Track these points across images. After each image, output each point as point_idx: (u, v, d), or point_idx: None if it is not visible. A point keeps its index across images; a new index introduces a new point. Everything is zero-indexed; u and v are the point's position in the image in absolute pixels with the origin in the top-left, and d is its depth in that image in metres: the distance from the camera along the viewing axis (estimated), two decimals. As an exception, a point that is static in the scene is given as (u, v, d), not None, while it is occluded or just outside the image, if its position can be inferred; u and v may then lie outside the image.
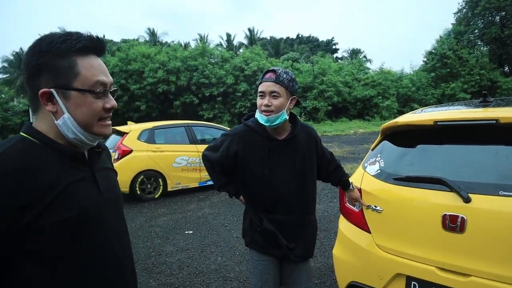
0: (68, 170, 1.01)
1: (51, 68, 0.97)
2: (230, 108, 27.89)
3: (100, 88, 1.02)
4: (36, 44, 0.99)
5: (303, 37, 62.43)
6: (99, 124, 1.05)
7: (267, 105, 1.93)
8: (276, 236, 2.04)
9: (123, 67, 27.03)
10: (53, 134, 1.02)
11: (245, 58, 28.74)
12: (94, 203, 1.05)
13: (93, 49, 1.03)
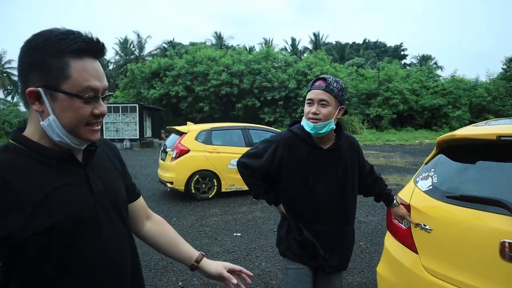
0: (55, 173, 0.98)
1: (42, 66, 0.93)
2: (292, 112, 27.85)
3: (90, 94, 0.96)
4: (32, 39, 0.94)
5: (370, 42, 60.70)
6: (87, 129, 0.99)
7: (315, 113, 1.90)
8: (315, 246, 2.00)
9: (189, 69, 28.09)
10: (38, 135, 0.99)
11: (308, 63, 28.56)
12: (85, 206, 1.01)
13: (90, 51, 0.97)
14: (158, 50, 46.98)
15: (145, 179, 10.42)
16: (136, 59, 45.52)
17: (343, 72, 30.18)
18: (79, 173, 1.03)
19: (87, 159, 1.07)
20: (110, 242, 1.06)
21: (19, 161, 0.94)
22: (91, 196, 1.03)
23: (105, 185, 1.09)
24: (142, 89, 30.09)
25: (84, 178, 1.03)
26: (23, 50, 0.95)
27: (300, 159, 1.99)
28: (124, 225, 1.16)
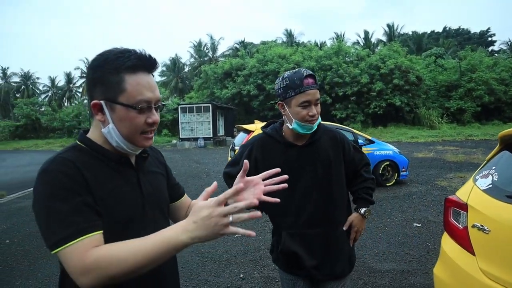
0: (114, 173, 1.10)
1: (103, 82, 1.06)
2: (364, 108, 26.98)
3: (144, 105, 1.07)
4: (95, 59, 1.08)
5: (451, 30, 56.29)
6: (142, 137, 1.11)
7: (315, 115, 1.77)
8: (297, 257, 1.85)
9: (260, 67, 28.50)
10: (102, 140, 1.12)
11: (382, 56, 27.41)
12: (137, 206, 1.13)
13: (143, 66, 1.08)
14: (230, 50, 48.33)
15: (216, 176, 10.87)
16: (210, 60, 47.34)
17: (419, 64, 28.47)
18: (132, 175, 1.16)
19: (139, 163, 1.20)
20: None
21: (87, 160, 1.07)
22: (141, 196, 1.15)
23: (152, 188, 1.21)
24: (215, 89, 31.22)
25: (136, 180, 1.16)
26: (88, 69, 1.10)
27: (273, 159, 1.86)
28: (166, 223, 1.27)
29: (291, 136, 1.88)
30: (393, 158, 8.54)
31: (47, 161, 1.03)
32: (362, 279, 3.71)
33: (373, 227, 5.46)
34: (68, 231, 0.93)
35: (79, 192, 0.98)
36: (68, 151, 1.08)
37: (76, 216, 0.96)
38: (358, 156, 2.01)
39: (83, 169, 1.02)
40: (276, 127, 1.95)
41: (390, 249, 4.51)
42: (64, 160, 1.02)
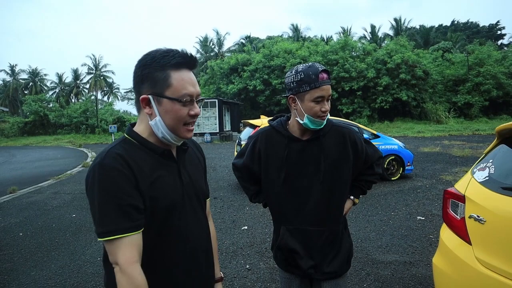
0: (158, 164, 1.22)
1: (150, 78, 1.17)
2: (370, 102, 26.92)
3: (187, 98, 1.18)
4: (143, 58, 1.20)
5: (459, 24, 55.67)
6: (184, 128, 1.22)
7: (327, 110, 1.73)
8: (295, 254, 1.82)
9: (266, 63, 28.50)
10: (147, 133, 1.24)
11: (388, 51, 27.26)
12: (177, 194, 1.24)
13: (186, 64, 1.20)
14: (236, 46, 48.30)
15: (222, 170, 11.00)
16: (216, 56, 47.35)
17: (426, 58, 28.28)
18: (173, 167, 1.27)
19: (179, 156, 1.31)
20: (192, 225, 1.30)
21: (135, 152, 1.19)
22: (181, 186, 1.27)
23: (191, 178, 1.33)
24: (221, 84, 31.31)
25: (176, 171, 1.27)
26: (136, 67, 1.21)
27: (277, 153, 1.84)
28: (203, 213, 1.40)
29: (297, 130, 1.83)
30: (398, 153, 8.59)
31: (101, 155, 1.15)
32: (365, 270, 3.80)
33: (377, 220, 5.55)
34: (113, 226, 1.08)
35: (128, 190, 1.11)
36: (118, 144, 1.20)
37: (122, 214, 1.09)
38: (370, 150, 1.96)
39: (132, 162, 1.14)
40: (282, 120, 1.93)
41: (393, 241, 4.60)
42: (117, 155, 1.13)
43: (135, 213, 1.11)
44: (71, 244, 5.15)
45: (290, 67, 27.18)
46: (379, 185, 8.09)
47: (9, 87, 57.93)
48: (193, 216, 1.31)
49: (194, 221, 1.31)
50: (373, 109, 26.81)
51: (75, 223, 6.15)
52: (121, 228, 1.08)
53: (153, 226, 1.18)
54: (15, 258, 4.70)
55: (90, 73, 59.13)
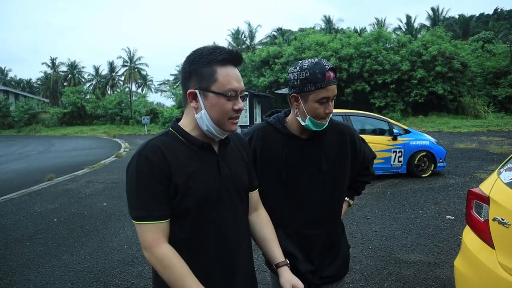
0: (195, 156, 1.26)
1: (198, 73, 1.22)
2: (404, 96, 26.14)
3: (232, 93, 1.22)
4: (191, 54, 1.25)
5: (503, 12, 52.78)
6: (229, 122, 1.26)
7: (330, 112, 1.61)
8: (294, 258, 1.70)
9: (297, 55, 28.20)
10: (192, 127, 1.29)
11: (424, 42, 26.30)
12: (214, 186, 1.27)
13: (231, 60, 1.24)
14: (268, 38, 48.10)
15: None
16: (247, 48, 47.35)
17: (465, 50, 27.02)
18: (213, 159, 1.30)
19: (220, 149, 1.34)
20: (229, 218, 1.31)
21: (173, 144, 1.25)
22: (219, 178, 1.29)
23: (230, 171, 1.34)
24: (252, 77, 31.27)
25: (216, 164, 1.30)
26: (185, 63, 1.26)
27: (274, 151, 1.72)
28: (243, 206, 1.41)
29: (295, 128, 1.72)
30: (430, 149, 8.33)
31: (142, 145, 1.24)
32: (386, 269, 3.74)
33: (404, 218, 5.43)
34: (144, 212, 1.18)
35: (161, 180, 1.18)
36: (159, 136, 1.28)
37: (153, 202, 1.18)
38: (367, 150, 1.91)
39: (168, 154, 1.20)
40: (279, 116, 1.80)
41: (419, 241, 4.49)
42: (154, 146, 1.21)
43: (165, 203, 1.19)
44: (100, 231, 5.35)
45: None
46: (408, 181, 7.89)
47: (50, 79, 60.47)
48: (230, 210, 1.33)
49: (231, 215, 1.33)
50: (406, 103, 26.00)
51: (105, 211, 6.39)
52: (152, 215, 1.17)
53: (188, 217, 1.23)
54: (49, 242, 4.95)
55: (125, 66, 60.59)
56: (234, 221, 1.34)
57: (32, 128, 35.26)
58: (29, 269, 4.11)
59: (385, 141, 8.15)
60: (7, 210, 6.72)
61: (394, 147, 8.16)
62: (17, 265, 4.25)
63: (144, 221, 1.18)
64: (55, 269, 4.10)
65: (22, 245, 4.90)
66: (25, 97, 45.24)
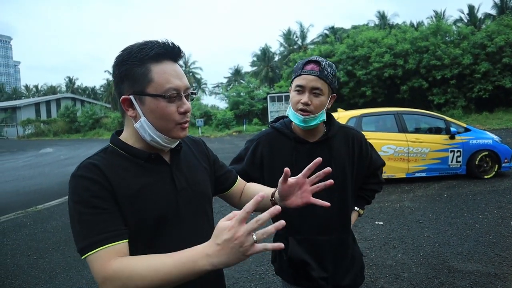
0: (143, 172, 1.08)
1: (129, 76, 1.04)
2: (466, 92, 24.53)
3: (173, 93, 1.04)
4: (119, 55, 1.06)
5: None
6: (177, 128, 1.08)
7: (306, 103, 1.58)
8: (307, 265, 1.66)
9: (350, 53, 27.56)
10: (134, 139, 1.11)
11: (488, 33, 24.46)
12: (169, 202, 1.09)
13: (167, 55, 1.06)
14: (320, 37, 47.40)
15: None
16: (299, 48, 47.05)
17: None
18: (165, 171, 1.12)
19: (173, 158, 1.16)
20: (190, 236, 1.11)
21: (115, 161, 1.06)
22: (175, 192, 1.11)
23: (188, 182, 1.16)
24: (304, 77, 30.94)
25: (169, 176, 1.12)
26: (114, 66, 1.07)
27: (282, 157, 1.69)
28: (207, 219, 1.22)
29: (301, 131, 1.72)
30: (493, 148, 7.69)
31: (77, 166, 1.05)
32: (438, 278, 3.47)
33: (460, 223, 5.04)
34: (92, 239, 0.95)
35: (104, 199, 0.99)
36: (97, 154, 1.10)
37: (100, 224, 0.97)
38: (375, 155, 1.86)
39: (109, 172, 1.02)
40: (285, 121, 1.79)
41: (477, 248, 4.13)
42: (89, 165, 1.03)
43: (116, 222, 0.99)
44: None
45: (375, 57, 26.42)
46: (468, 183, 7.34)
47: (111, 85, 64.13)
48: (192, 228, 1.14)
49: (193, 231, 1.14)
50: (469, 99, 24.34)
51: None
52: (101, 238, 0.95)
53: (141, 240, 1.04)
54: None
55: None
56: (197, 237, 1.09)
57: (96, 132, 37.61)
58: (83, 266, 4.33)
59: (442, 140, 7.67)
60: (68, 210, 7.17)
61: (451, 146, 7.64)
62: (74, 261, 4.50)
63: (89, 251, 0.94)
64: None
65: (79, 243, 5.19)
66: (89, 103, 48.68)
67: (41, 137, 39.56)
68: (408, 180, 7.78)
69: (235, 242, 0.82)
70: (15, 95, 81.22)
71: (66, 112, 40.69)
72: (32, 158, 18.81)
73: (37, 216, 6.81)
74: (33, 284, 3.94)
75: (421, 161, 7.67)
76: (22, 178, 11.67)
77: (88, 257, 0.95)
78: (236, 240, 0.82)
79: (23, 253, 4.90)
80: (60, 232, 5.76)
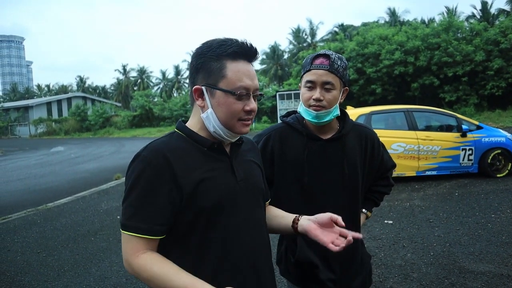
0: (206, 159, 1.13)
1: (205, 68, 1.11)
2: (479, 89, 24.15)
3: (242, 91, 1.09)
4: (199, 47, 1.14)
5: None
6: (239, 123, 1.13)
7: (318, 99, 1.54)
8: (315, 267, 1.62)
9: (359, 50, 27.33)
10: (199, 127, 1.16)
11: (502, 29, 24.04)
12: (228, 190, 1.13)
13: (243, 54, 1.12)
14: (330, 35, 47.14)
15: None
16: (309, 46, 46.84)
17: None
18: (225, 161, 1.17)
19: (233, 150, 1.21)
20: (246, 224, 1.17)
21: (179, 145, 1.12)
22: (234, 181, 1.16)
23: (246, 174, 1.21)
24: (313, 75, 30.79)
25: (229, 166, 1.17)
26: (192, 57, 1.16)
27: (293, 153, 1.65)
28: (261, 211, 1.27)
29: (314, 128, 1.66)
30: (506, 146, 7.55)
31: (143, 147, 1.12)
32: (449, 278, 3.41)
33: (472, 223, 4.95)
34: (136, 223, 1.04)
35: (162, 187, 1.05)
36: (162, 138, 1.17)
37: (150, 212, 1.05)
38: (386, 156, 1.82)
39: (172, 157, 1.07)
40: (297, 116, 1.74)
41: (489, 248, 4.05)
42: (155, 147, 1.10)
43: (162, 217, 1.06)
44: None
45: (386, 54, 26.19)
46: (480, 182, 7.22)
47: (121, 84, 64.80)
48: (248, 216, 1.19)
49: (249, 222, 1.18)
50: (481, 96, 23.96)
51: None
52: (139, 227, 1.04)
53: (197, 230, 1.09)
54: (111, 238, 5.24)
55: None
56: (253, 231, 1.19)
57: (106, 130, 37.97)
58: (91, 263, 4.36)
59: (453, 138, 7.54)
60: (78, 207, 7.23)
61: (463, 144, 7.52)
62: (82, 259, 4.53)
63: (129, 231, 1.05)
64: (114, 264, 4.30)
65: (87, 240, 5.23)
66: (100, 102, 49.09)
67: (52, 136, 40.12)
68: (418, 179, 7.67)
69: None
70: (27, 94, 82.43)
71: (77, 111, 41.18)
72: (43, 156, 19.03)
73: (47, 214, 6.88)
74: (42, 281, 3.96)
75: (431, 159, 7.56)
76: (34, 176, 11.81)
77: (124, 235, 1.06)
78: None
79: (32, 250, 4.95)
80: (69, 230, 5.81)
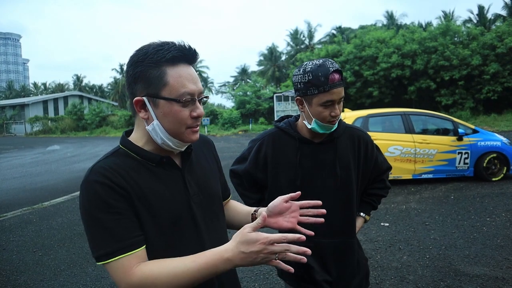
0: (155, 176, 1.06)
1: (144, 77, 1.02)
2: (475, 93, 24.29)
3: (187, 98, 1.03)
4: (135, 54, 1.05)
5: None
6: (188, 131, 1.07)
7: (337, 115, 1.56)
8: (309, 269, 1.63)
9: (357, 53, 27.40)
10: (144, 140, 1.09)
11: (499, 33, 24.20)
12: (183, 206, 1.08)
13: (183, 58, 1.04)
14: (327, 37, 47.27)
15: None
16: (306, 48, 46.97)
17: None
18: (176, 175, 1.11)
19: (184, 162, 1.15)
20: (207, 240, 1.12)
21: (126, 164, 1.04)
22: (187, 197, 1.10)
23: (199, 187, 1.15)
24: (311, 77, 30.83)
25: (181, 181, 1.11)
26: (128, 65, 1.06)
27: (286, 157, 1.67)
28: (218, 221, 1.22)
29: (306, 132, 1.68)
30: (502, 150, 7.61)
31: (87, 170, 1.03)
32: (445, 281, 3.43)
33: (468, 226, 4.98)
34: (112, 246, 0.96)
35: (120, 204, 0.98)
36: (108, 157, 1.08)
37: (120, 231, 0.97)
38: (381, 158, 1.81)
39: (121, 176, 1.01)
40: (290, 121, 1.75)
41: (484, 252, 4.08)
42: (101, 169, 1.01)
43: (133, 228, 0.99)
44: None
45: (383, 57, 26.35)
46: (476, 185, 7.27)
47: (118, 83, 64.48)
48: (207, 230, 1.14)
49: (209, 236, 1.14)
50: (477, 100, 24.10)
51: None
52: (120, 246, 0.96)
53: (161, 241, 1.05)
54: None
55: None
56: (213, 241, 1.12)
57: (102, 129, 37.80)
58: (88, 263, 4.35)
59: (449, 142, 7.60)
60: (74, 206, 7.21)
61: (459, 148, 7.57)
62: (78, 258, 4.52)
63: (110, 258, 0.95)
64: (110, 264, 4.29)
65: (84, 239, 5.20)
66: (97, 101, 48.90)
67: (48, 134, 39.90)
68: (414, 182, 7.72)
69: (260, 255, 0.93)
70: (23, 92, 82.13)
71: (73, 110, 40.95)
72: (39, 155, 18.95)
73: (43, 212, 6.86)
74: (38, 280, 3.95)
75: (428, 163, 7.60)
76: (29, 175, 11.77)
77: (108, 264, 0.97)
78: (261, 254, 0.93)
79: (28, 249, 4.94)
80: (66, 229, 5.80)
